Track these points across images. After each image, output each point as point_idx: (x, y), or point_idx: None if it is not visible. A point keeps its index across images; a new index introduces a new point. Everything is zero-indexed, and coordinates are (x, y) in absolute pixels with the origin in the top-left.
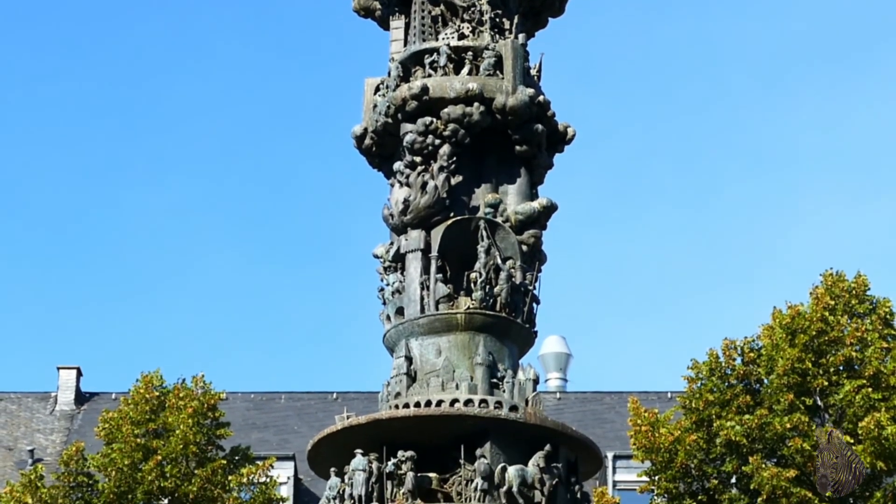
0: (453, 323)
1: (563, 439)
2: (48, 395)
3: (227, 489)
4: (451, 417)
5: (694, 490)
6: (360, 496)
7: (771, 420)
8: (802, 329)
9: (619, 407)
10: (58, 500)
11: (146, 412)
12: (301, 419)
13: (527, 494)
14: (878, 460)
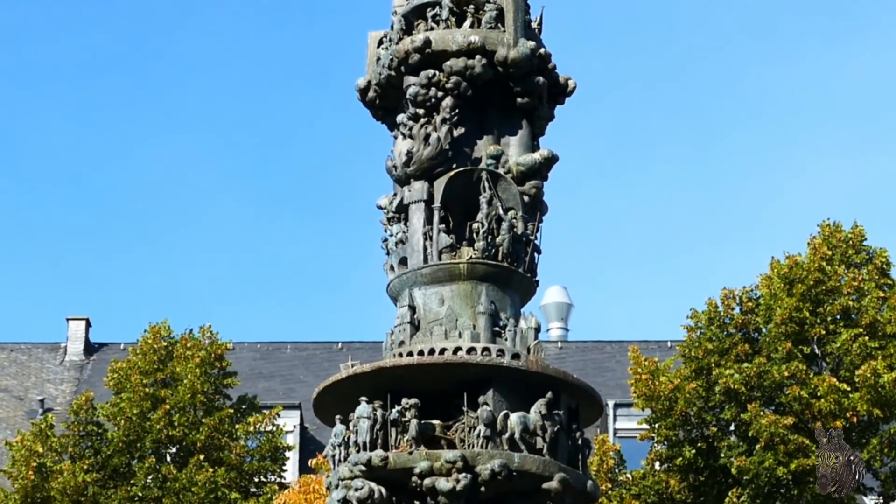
0: (456, 272)
1: (564, 387)
2: (58, 346)
3: (234, 437)
4: (453, 365)
5: (693, 437)
6: (365, 443)
7: (769, 368)
8: (800, 279)
9: (619, 356)
10: (68, 449)
11: (154, 362)
12: (307, 369)
13: (529, 441)
14: (874, 408)
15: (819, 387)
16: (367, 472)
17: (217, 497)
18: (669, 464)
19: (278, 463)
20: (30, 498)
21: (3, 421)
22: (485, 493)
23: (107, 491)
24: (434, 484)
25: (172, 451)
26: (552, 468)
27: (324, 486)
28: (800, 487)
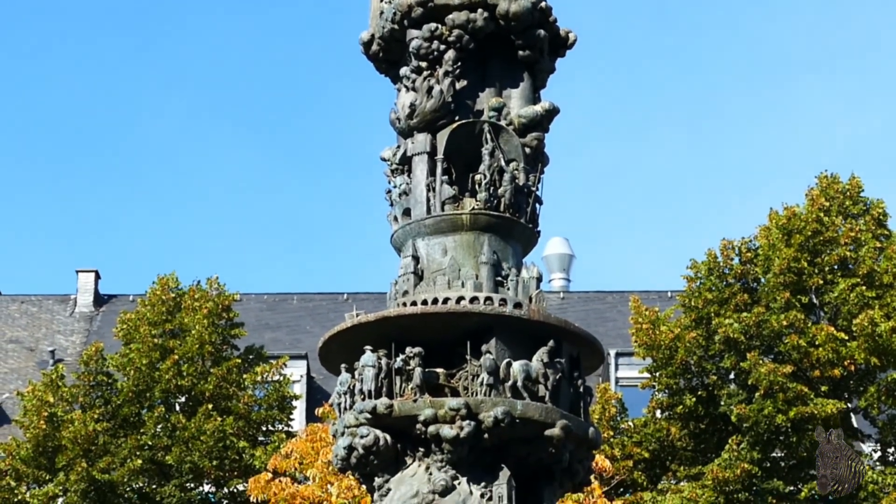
0: (458, 223)
1: (565, 335)
2: (68, 298)
3: (241, 387)
4: (457, 314)
5: (693, 386)
6: (370, 391)
7: (768, 318)
8: (798, 230)
9: (620, 306)
10: (78, 399)
11: (163, 313)
12: (313, 319)
13: (531, 388)
14: (871, 356)
15: (817, 336)
16: (372, 420)
17: (225, 445)
18: (670, 412)
19: (285, 412)
20: (41, 447)
21: (15, 372)
22: (488, 439)
23: (117, 440)
24: (438, 431)
25: (181, 400)
26: (554, 415)
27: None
28: (798, 435)
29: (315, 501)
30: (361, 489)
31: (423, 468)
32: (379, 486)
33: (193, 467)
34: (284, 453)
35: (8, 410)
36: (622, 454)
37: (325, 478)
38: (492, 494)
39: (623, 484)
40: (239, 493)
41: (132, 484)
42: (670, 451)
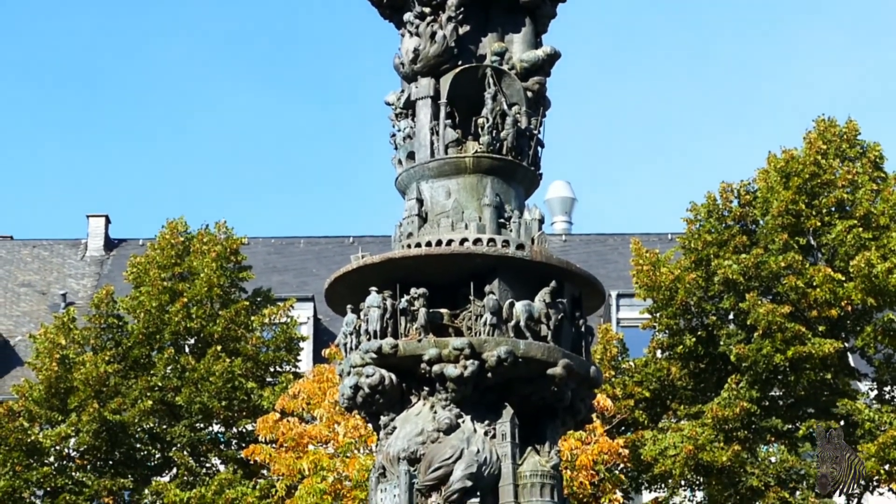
0: (462, 166)
1: (567, 276)
2: (78, 242)
3: (249, 329)
4: (460, 256)
5: (693, 326)
6: (375, 331)
7: (766, 259)
8: (796, 172)
9: (621, 248)
10: (90, 341)
11: (172, 257)
12: (319, 262)
13: (533, 328)
14: (868, 296)
15: (815, 276)
16: (377, 360)
17: (234, 386)
18: (670, 352)
19: (293, 353)
20: (53, 388)
21: (27, 315)
22: (491, 378)
23: (127, 381)
24: (442, 370)
25: (190, 342)
26: (556, 354)
27: (336, 373)
28: (796, 374)
29: (322, 441)
30: (368, 428)
31: (428, 407)
32: (385, 425)
33: (203, 408)
34: (292, 394)
35: (21, 353)
36: (623, 393)
37: (332, 417)
38: (495, 432)
39: (624, 422)
40: (247, 432)
41: (143, 424)
42: (670, 390)
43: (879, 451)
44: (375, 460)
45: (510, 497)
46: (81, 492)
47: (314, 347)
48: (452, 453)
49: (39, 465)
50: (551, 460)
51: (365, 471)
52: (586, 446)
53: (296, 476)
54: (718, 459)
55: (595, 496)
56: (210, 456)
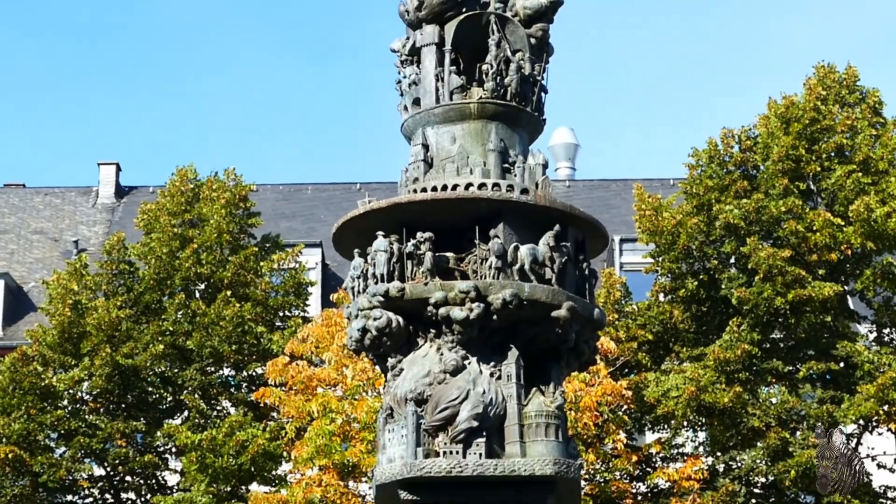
0: (466, 112)
1: (570, 220)
2: (90, 190)
3: (259, 274)
4: (465, 200)
5: (695, 270)
6: (382, 275)
7: (767, 204)
8: (796, 118)
9: (624, 193)
10: (101, 287)
11: (182, 204)
12: (327, 208)
13: (538, 271)
14: (867, 240)
15: (815, 221)
16: (384, 303)
17: (244, 331)
18: (673, 295)
19: (301, 298)
20: (67, 333)
21: (40, 261)
22: (496, 321)
23: (139, 326)
24: (448, 313)
25: (201, 287)
26: (560, 297)
27: (344, 316)
28: (797, 316)
29: (331, 383)
30: (375, 371)
31: (435, 349)
32: (392, 367)
33: (213, 352)
34: (301, 338)
35: (34, 299)
36: (626, 336)
37: (341, 361)
38: (501, 373)
39: (627, 365)
40: (257, 376)
41: (154, 368)
42: (673, 332)
43: (878, 391)
44: (383, 401)
45: (516, 437)
46: (95, 434)
47: (322, 292)
48: (459, 394)
49: (53, 409)
50: (556, 401)
51: (373, 413)
52: (590, 388)
53: (305, 418)
54: (720, 400)
55: (599, 437)
56: (221, 399)
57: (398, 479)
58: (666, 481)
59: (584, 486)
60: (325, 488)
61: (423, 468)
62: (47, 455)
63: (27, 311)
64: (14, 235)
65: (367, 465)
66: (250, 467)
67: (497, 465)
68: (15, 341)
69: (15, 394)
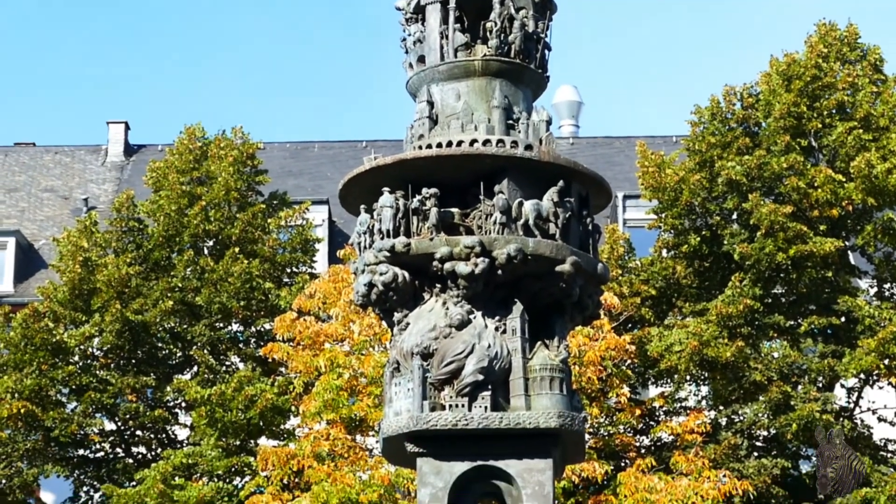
0: (471, 69)
1: (574, 175)
2: (99, 148)
3: (266, 231)
4: (470, 157)
5: (698, 226)
6: (388, 230)
7: (769, 160)
8: (798, 75)
9: (627, 151)
10: (111, 244)
11: (190, 162)
12: (333, 166)
13: (542, 227)
14: (868, 196)
15: (816, 177)
16: (390, 258)
17: (252, 287)
18: (676, 251)
19: (308, 254)
20: (77, 290)
21: (50, 219)
22: (501, 275)
23: (149, 282)
24: (454, 268)
25: (209, 244)
26: (564, 252)
27: (351, 272)
28: (798, 272)
29: (338, 339)
30: (382, 327)
31: (440, 303)
32: (398, 321)
33: (222, 307)
34: (308, 293)
35: (45, 256)
36: (630, 292)
37: (348, 316)
38: (506, 327)
39: (631, 320)
40: (266, 331)
41: (164, 324)
42: (676, 288)
43: (879, 346)
44: (389, 355)
45: (520, 390)
46: (106, 389)
47: (329, 249)
48: (464, 348)
49: (65, 364)
50: (560, 354)
51: (379, 367)
52: (594, 343)
53: (313, 373)
54: (722, 355)
55: (603, 391)
56: (229, 354)
57: (404, 432)
58: (669, 435)
59: (588, 439)
60: (332, 442)
61: (429, 421)
62: (59, 410)
63: (38, 269)
64: (25, 194)
65: (374, 419)
66: (259, 421)
67: (502, 418)
68: (26, 298)
69: (27, 350)
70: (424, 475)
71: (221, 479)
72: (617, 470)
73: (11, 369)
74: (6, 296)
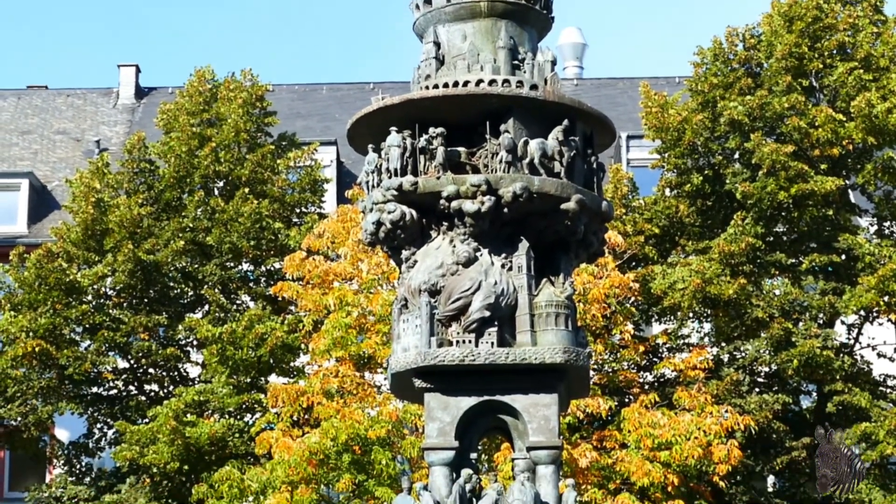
0: (477, 10)
1: (578, 114)
2: (110, 91)
3: (275, 172)
4: (476, 96)
5: (700, 165)
6: (396, 169)
7: (770, 100)
8: (799, 16)
9: (631, 91)
10: (123, 185)
11: (200, 104)
12: (341, 108)
13: (547, 165)
14: (868, 136)
15: (817, 117)
16: (398, 196)
17: (262, 227)
18: (679, 190)
19: (317, 194)
20: (90, 230)
21: (63, 161)
22: (507, 213)
23: (160, 223)
24: (461, 206)
25: (219, 185)
26: (569, 190)
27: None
28: (799, 210)
29: (346, 277)
30: (390, 266)
31: (447, 241)
32: (406, 259)
33: (232, 247)
34: (317, 233)
35: (58, 197)
36: (634, 230)
37: (356, 255)
38: (512, 265)
39: (635, 258)
40: (275, 270)
41: (175, 263)
42: (679, 226)
43: (879, 283)
44: (397, 293)
45: (526, 326)
46: (119, 328)
47: (337, 189)
48: (471, 285)
49: (78, 304)
50: (565, 291)
51: (387, 305)
52: (598, 280)
53: (322, 311)
54: (725, 292)
55: (607, 328)
56: (240, 293)
57: (412, 368)
58: (672, 371)
59: (593, 375)
60: (341, 379)
61: (437, 357)
62: (73, 348)
63: (51, 210)
64: (38, 136)
65: (382, 357)
66: (269, 359)
67: (508, 354)
68: (40, 238)
69: (41, 289)
70: (432, 410)
71: (232, 415)
72: (621, 406)
73: (26, 309)
74: (20, 237)
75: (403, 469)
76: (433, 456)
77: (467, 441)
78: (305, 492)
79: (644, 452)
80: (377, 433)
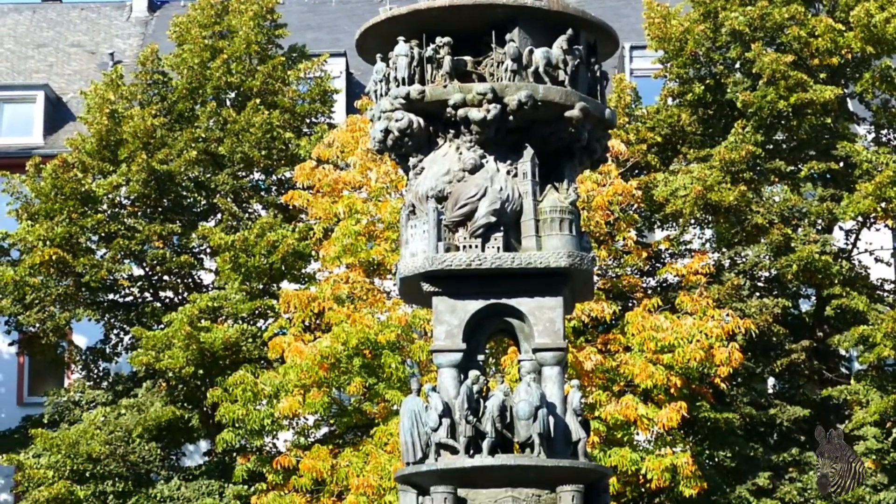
0: None
1: (582, 24)
2: (124, 4)
3: (286, 83)
4: (482, 6)
5: (702, 75)
6: (404, 78)
7: (771, 10)
8: None
9: (634, 2)
10: (137, 97)
11: (212, 16)
12: (350, 20)
13: (551, 73)
14: (867, 45)
15: (817, 27)
16: (406, 105)
17: (273, 137)
18: (681, 99)
19: (327, 105)
20: (104, 141)
21: (78, 73)
22: (512, 121)
23: (173, 133)
24: (467, 114)
25: (231, 96)
26: (573, 98)
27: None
28: (798, 119)
29: (356, 186)
30: (398, 174)
31: (454, 148)
32: (413, 166)
33: (244, 157)
34: (327, 143)
35: (73, 109)
36: (636, 139)
37: (365, 164)
38: (517, 171)
39: (637, 166)
40: (286, 179)
41: (188, 173)
42: (681, 135)
43: (876, 189)
44: (405, 199)
45: (532, 231)
46: (133, 237)
47: (347, 100)
48: (477, 191)
49: (94, 213)
50: (569, 196)
51: (396, 213)
52: (602, 188)
53: (332, 219)
54: (726, 199)
55: (610, 234)
56: (252, 202)
57: (420, 272)
58: (674, 276)
59: (597, 280)
60: (351, 285)
61: (444, 261)
62: (89, 256)
63: (67, 121)
64: (52, 49)
65: (391, 263)
66: (281, 266)
67: (514, 258)
68: (56, 149)
69: (57, 199)
70: (440, 313)
71: (245, 321)
72: (624, 310)
73: (43, 218)
74: (36, 147)
75: (413, 372)
76: (441, 358)
77: (474, 343)
78: (317, 395)
79: (647, 355)
80: (387, 337)
